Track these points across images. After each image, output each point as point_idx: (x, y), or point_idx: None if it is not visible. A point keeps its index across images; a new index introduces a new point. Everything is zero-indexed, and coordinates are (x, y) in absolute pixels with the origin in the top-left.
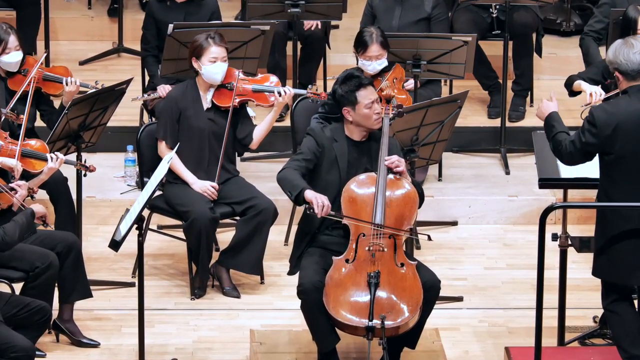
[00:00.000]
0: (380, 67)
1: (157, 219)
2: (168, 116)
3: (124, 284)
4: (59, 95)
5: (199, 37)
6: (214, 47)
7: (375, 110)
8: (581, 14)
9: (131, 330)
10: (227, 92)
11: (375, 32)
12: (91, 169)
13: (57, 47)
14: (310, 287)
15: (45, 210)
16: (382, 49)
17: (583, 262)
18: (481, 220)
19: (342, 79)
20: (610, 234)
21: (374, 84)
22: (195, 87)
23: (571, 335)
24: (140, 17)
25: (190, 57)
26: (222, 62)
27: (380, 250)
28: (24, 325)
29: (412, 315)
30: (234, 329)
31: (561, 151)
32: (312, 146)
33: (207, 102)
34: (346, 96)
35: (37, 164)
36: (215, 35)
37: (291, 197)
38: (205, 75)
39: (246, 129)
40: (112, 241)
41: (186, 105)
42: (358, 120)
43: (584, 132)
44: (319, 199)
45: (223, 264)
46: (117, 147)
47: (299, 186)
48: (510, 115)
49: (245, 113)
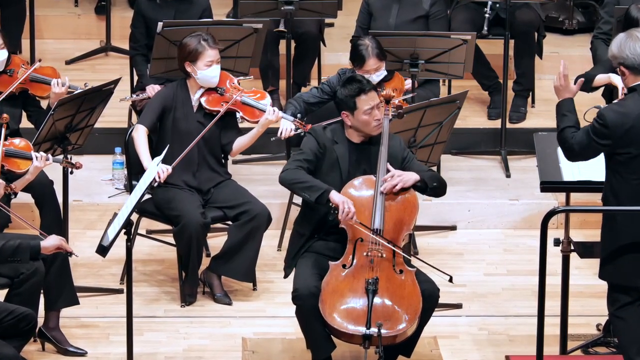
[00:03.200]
0: (379, 78)
1: (146, 224)
2: (152, 107)
3: (111, 290)
4: (46, 97)
5: (190, 40)
6: (209, 51)
7: (375, 116)
8: (584, 11)
9: (119, 339)
10: (217, 95)
11: (370, 44)
12: (77, 165)
13: (42, 46)
14: (305, 293)
15: (61, 241)
16: (379, 61)
17: (586, 268)
18: (481, 225)
19: (343, 82)
20: (618, 234)
21: (376, 88)
22: (185, 89)
23: (574, 343)
24: (128, 15)
25: (182, 61)
26: (217, 64)
27: (378, 256)
28: (9, 333)
29: (410, 324)
30: (225, 337)
31: (566, 148)
32: (313, 146)
33: (195, 102)
34: (345, 100)
35: (22, 164)
36: (208, 37)
37: (310, 197)
38: (202, 80)
39: (229, 136)
40: (100, 246)
41: (175, 106)
42: (357, 126)
43: (596, 134)
44: (346, 203)
45: (214, 270)
46: (104, 149)
47: (320, 187)
48: (511, 117)
49: (232, 121)
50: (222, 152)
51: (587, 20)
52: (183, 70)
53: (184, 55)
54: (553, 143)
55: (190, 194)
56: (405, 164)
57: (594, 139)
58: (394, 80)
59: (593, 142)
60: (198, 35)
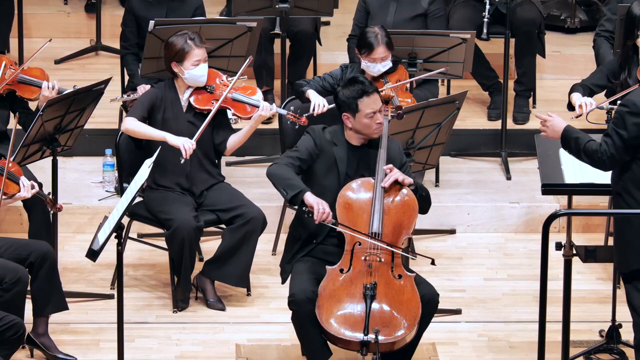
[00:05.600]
0: (385, 69)
1: (138, 227)
2: (142, 103)
3: (102, 295)
4: (35, 99)
5: (176, 40)
6: (196, 50)
7: (377, 120)
8: (586, 9)
9: (110, 345)
10: (206, 94)
11: (380, 32)
12: (58, 207)
13: (31, 45)
14: (302, 298)
15: None
16: (387, 50)
17: (588, 272)
18: (481, 229)
19: (345, 82)
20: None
21: (379, 91)
22: (174, 89)
23: (576, 350)
24: (119, 13)
25: (169, 61)
26: (204, 63)
27: (377, 260)
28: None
29: (409, 330)
30: (218, 343)
31: (601, 159)
32: (309, 146)
33: (184, 102)
34: (347, 102)
35: (11, 187)
36: (195, 36)
37: (286, 195)
38: (190, 79)
39: (222, 135)
40: (90, 250)
41: (165, 107)
42: (357, 128)
43: (626, 127)
44: (320, 204)
45: (207, 275)
46: (94, 150)
47: (297, 186)
48: (517, 118)
49: (224, 120)
50: (216, 152)
51: (590, 19)
52: (170, 70)
53: (170, 55)
54: (555, 144)
55: (183, 196)
56: (401, 170)
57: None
58: (397, 72)
59: (626, 138)
60: (184, 34)
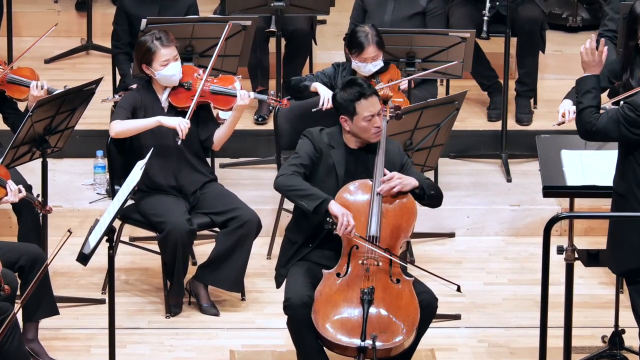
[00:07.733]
0: (376, 69)
1: (129, 230)
2: (123, 105)
3: (93, 300)
4: (24, 99)
5: (142, 41)
6: (162, 50)
7: (375, 123)
8: (589, 8)
9: (101, 351)
10: (184, 91)
11: (370, 31)
12: (48, 209)
13: (20, 44)
14: (298, 303)
15: None
16: (378, 49)
17: (591, 277)
18: (480, 232)
19: (343, 85)
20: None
21: (378, 94)
22: (152, 90)
23: (578, 356)
24: (110, 12)
25: (139, 64)
26: (174, 62)
27: (375, 264)
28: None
29: (407, 336)
30: (212, 349)
31: (587, 127)
32: (309, 150)
33: (164, 102)
34: (345, 105)
35: None
36: (161, 35)
37: (307, 207)
38: (162, 80)
39: (207, 130)
40: (81, 254)
41: (145, 111)
42: (355, 132)
43: (631, 124)
44: (345, 216)
45: (201, 279)
46: (85, 152)
47: (317, 196)
48: (521, 119)
49: (208, 115)
50: (204, 149)
51: (592, 17)
52: (143, 72)
53: (138, 57)
54: (556, 146)
55: (176, 199)
56: (403, 171)
57: (628, 129)
58: (389, 71)
59: (625, 131)
60: (151, 34)
